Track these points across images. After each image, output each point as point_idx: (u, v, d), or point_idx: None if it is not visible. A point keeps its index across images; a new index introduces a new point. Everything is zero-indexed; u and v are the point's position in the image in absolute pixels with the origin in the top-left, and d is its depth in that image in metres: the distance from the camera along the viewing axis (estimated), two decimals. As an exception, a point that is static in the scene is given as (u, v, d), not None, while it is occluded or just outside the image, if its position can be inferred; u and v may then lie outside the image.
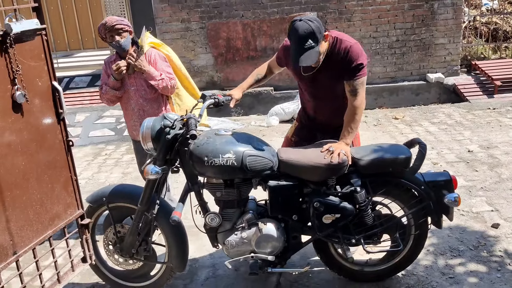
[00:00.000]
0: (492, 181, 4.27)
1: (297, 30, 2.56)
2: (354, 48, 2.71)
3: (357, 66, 2.69)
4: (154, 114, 3.39)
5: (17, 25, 2.22)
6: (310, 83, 2.86)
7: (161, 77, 3.34)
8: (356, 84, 2.71)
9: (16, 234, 2.30)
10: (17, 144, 2.28)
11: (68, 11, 9.49)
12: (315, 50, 2.57)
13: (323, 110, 2.95)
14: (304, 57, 2.56)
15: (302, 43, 2.55)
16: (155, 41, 3.58)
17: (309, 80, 2.84)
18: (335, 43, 2.73)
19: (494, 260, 3.12)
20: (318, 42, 2.58)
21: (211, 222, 2.70)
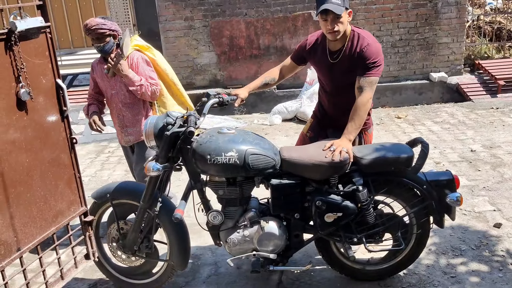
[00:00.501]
0: (494, 181, 4.26)
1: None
2: (373, 46, 2.77)
3: (370, 64, 2.74)
4: (133, 120, 3.34)
5: (22, 23, 2.23)
6: (329, 74, 2.90)
7: (140, 83, 3.21)
8: (364, 81, 2.75)
9: (20, 231, 2.31)
10: (21, 141, 2.29)
11: (72, 9, 9.52)
12: (341, 8, 2.67)
13: (338, 103, 2.98)
14: (330, 5, 2.66)
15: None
16: (141, 44, 3.43)
17: (329, 70, 2.89)
18: (356, 37, 2.80)
19: (496, 260, 3.12)
20: (344, 4, 2.69)
21: (214, 220, 2.71)
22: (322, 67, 2.95)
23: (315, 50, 2.96)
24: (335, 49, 2.86)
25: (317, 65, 3.01)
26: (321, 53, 2.92)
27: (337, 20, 2.71)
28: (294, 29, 7.32)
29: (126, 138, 3.43)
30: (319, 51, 2.93)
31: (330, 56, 2.87)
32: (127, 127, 3.38)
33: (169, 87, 3.52)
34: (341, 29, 2.74)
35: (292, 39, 7.37)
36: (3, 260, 2.23)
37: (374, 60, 2.75)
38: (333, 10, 2.66)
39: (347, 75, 2.83)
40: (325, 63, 2.90)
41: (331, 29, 2.73)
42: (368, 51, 2.75)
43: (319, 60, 2.94)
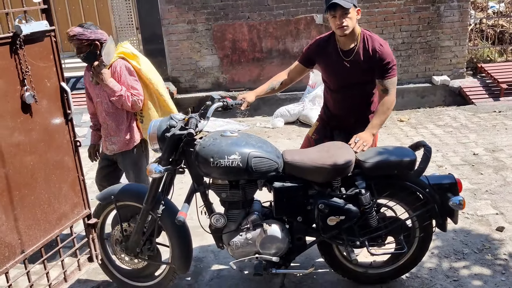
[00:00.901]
0: (497, 184, 4.26)
1: None
2: (386, 47, 2.91)
3: (389, 65, 2.89)
4: (117, 129, 3.30)
5: (27, 27, 2.25)
6: (340, 72, 2.97)
7: (120, 93, 3.16)
8: (388, 83, 2.91)
9: (24, 233, 2.32)
10: (26, 144, 2.31)
11: (76, 12, 9.57)
12: (349, 3, 2.75)
13: (344, 102, 3.05)
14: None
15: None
16: (127, 52, 3.29)
17: (340, 68, 2.95)
18: (367, 38, 2.94)
19: (498, 264, 3.12)
20: (352, 1, 2.77)
21: (216, 223, 2.72)
22: (333, 66, 3.01)
23: (325, 50, 3.03)
24: (347, 48, 2.94)
25: (326, 64, 3.05)
26: (333, 52, 2.99)
27: (345, 16, 2.79)
28: (296, 32, 7.34)
29: (110, 147, 3.38)
30: (330, 50, 3.00)
31: (344, 54, 2.95)
32: (111, 136, 3.35)
33: (154, 98, 3.40)
34: (350, 25, 2.82)
35: (294, 42, 7.38)
36: (7, 262, 2.24)
37: (391, 61, 2.90)
38: (341, 4, 2.74)
39: (360, 74, 2.94)
40: (337, 61, 2.97)
41: (340, 24, 2.81)
42: (384, 52, 2.88)
43: (330, 59, 3.00)
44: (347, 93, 3.03)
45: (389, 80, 2.91)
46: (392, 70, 2.91)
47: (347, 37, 2.90)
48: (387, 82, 2.91)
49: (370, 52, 2.89)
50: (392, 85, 2.92)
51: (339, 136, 3.04)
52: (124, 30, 7.81)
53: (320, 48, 3.05)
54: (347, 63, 2.95)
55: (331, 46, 3.00)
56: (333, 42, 2.99)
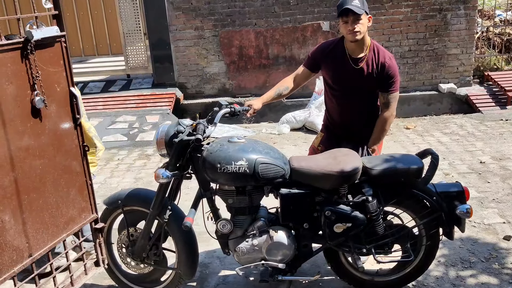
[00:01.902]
0: (504, 193, 4.24)
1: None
2: (393, 61, 2.98)
3: (394, 80, 2.96)
4: None
5: (38, 32, 2.27)
6: (347, 77, 2.99)
7: None
8: (390, 97, 2.98)
9: (32, 237, 2.33)
10: (35, 148, 2.33)
11: (84, 18, 9.65)
12: (360, 8, 2.79)
13: (348, 107, 3.08)
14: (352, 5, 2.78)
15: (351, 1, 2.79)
16: None
17: (347, 74, 2.98)
18: (377, 49, 2.98)
19: (505, 273, 3.10)
20: (364, 8, 2.81)
21: (223, 229, 2.72)
22: (341, 71, 3.02)
23: (332, 54, 3.04)
24: (356, 56, 2.97)
25: (333, 69, 3.05)
26: (341, 58, 3.01)
27: (357, 21, 2.83)
28: (303, 39, 7.36)
29: None
30: (338, 55, 3.02)
31: (353, 61, 2.97)
32: None
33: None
34: (362, 30, 2.85)
35: (301, 49, 7.40)
36: (15, 266, 2.25)
37: (397, 76, 2.97)
38: (353, 10, 2.78)
39: (367, 82, 2.98)
40: (345, 67, 2.99)
41: (352, 29, 2.84)
42: (391, 66, 2.94)
43: (338, 64, 3.01)
44: (353, 100, 3.05)
45: (392, 94, 2.98)
46: (396, 85, 2.98)
47: (357, 44, 2.92)
48: (390, 97, 2.98)
49: (379, 64, 2.94)
50: (394, 99, 3.00)
51: (347, 146, 3.02)
52: (131, 36, 7.86)
53: (326, 52, 3.06)
54: (355, 70, 2.97)
55: (339, 52, 3.02)
56: (342, 48, 3.01)
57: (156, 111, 7.07)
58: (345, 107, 3.09)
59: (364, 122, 3.11)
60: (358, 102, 3.06)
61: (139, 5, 7.63)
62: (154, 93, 7.51)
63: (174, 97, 7.38)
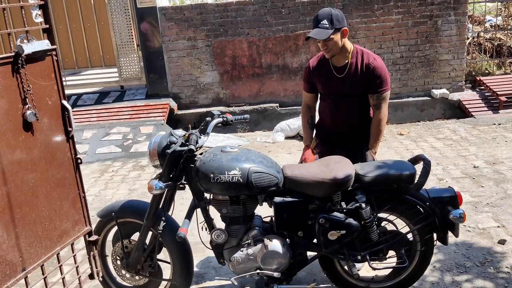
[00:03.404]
0: (498, 197, 4.26)
1: (318, 12, 2.94)
2: (379, 61, 3.03)
3: (382, 80, 3.01)
4: None
5: (29, 46, 2.28)
6: (336, 86, 3.09)
7: None
8: (379, 98, 3.04)
9: (25, 251, 2.33)
10: (27, 162, 2.33)
11: (77, 30, 9.67)
12: (327, 32, 2.87)
13: (342, 120, 3.16)
14: (315, 31, 2.88)
15: (319, 22, 2.89)
16: None
17: (335, 83, 3.07)
18: (360, 53, 3.05)
19: (501, 277, 3.11)
20: (333, 27, 2.88)
21: (217, 239, 2.72)
22: (329, 83, 3.12)
23: (320, 69, 3.15)
24: (341, 65, 3.05)
25: (323, 83, 3.16)
26: (327, 70, 3.11)
27: (328, 42, 2.93)
28: (295, 48, 7.41)
29: None
30: (325, 68, 3.12)
31: (336, 71, 3.07)
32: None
33: None
34: (333, 48, 2.97)
35: (293, 57, 7.44)
36: (9, 280, 2.24)
37: (384, 76, 3.01)
38: (315, 37, 2.89)
39: (356, 88, 3.05)
40: (332, 78, 3.08)
41: (324, 50, 2.99)
42: (376, 66, 2.99)
43: (326, 77, 3.11)
44: (344, 107, 3.13)
45: (382, 95, 3.03)
46: (385, 84, 3.03)
47: (339, 54, 3.02)
48: (380, 97, 3.03)
49: (364, 66, 3.01)
50: (384, 100, 3.05)
51: (341, 151, 3.08)
52: (124, 47, 7.88)
53: (313, 70, 3.18)
54: (340, 79, 3.06)
55: (325, 64, 3.13)
56: (326, 60, 3.11)
57: (150, 122, 7.08)
58: (336, 114, 3.17)
59: (356, 128, 3.17)
60: (348, 109, 3.13)
61: (131, 16, 7.66)
62: (148, 104, 7.52)
63: (168, 107, 7.40)
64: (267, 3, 7.27)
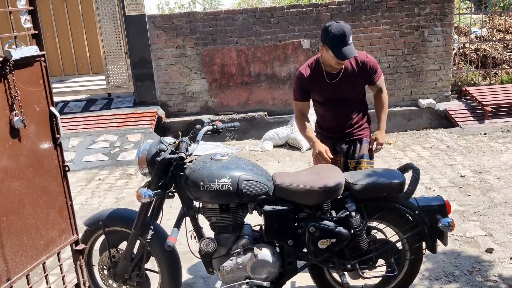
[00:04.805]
0: (485, 206, 4.30)
1: (343, 29, 2.94)
2: (370, 56, 3.19)
3: (376, 70, 3.21)
4: None
5: (17, 52, 2.26)
6: (333, 91, 3.17)
7: None
8: (379, 84, 3.27)
9: (11, 260, 2.28)
10: (13, 169, 2.29)
11: (64, 37, 9.61)
12: (353, 45, 2.98)
13: (345, 118, 3.26)
14: (350, 50, 2.94)
15: (347, 39, 2.93)
16: None
17: (331, 88, 3.16)
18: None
19: (488, 285, 3.12)
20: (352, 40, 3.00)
21: (206, 248, 2.69)
22: (326, 89, 3.18)
23: (313, 77, 3.18)
24: (335, 72, 3.13)
25: (319, 90, 3.21)
26: (321, 77, 3.16)
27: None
28: (284, 57, 7.44)
29: None
30: (319, 76, 3.16)
31: (330, 77, 3.13)
32: None
33: None
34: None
35: (282, 66, 7.47)
36: (-7, 290, 2.19)
37: (377, 66, 3.21)
38: (354, 55, 2.97)
39: (351, 89, 3.19)
40: (327, 84, 3.15)
41: (340, 64, 3.05)
42: (370, 61, 3.16)
43: (321, 84, 3.17)
44: (345, 106, 3.23)
45: (379, 80, 3.25)
46: (379, 71, 3.23)
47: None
48: (379, 83, 3.25)
49: (359, 64, 3.13)
50: (382, 82, 3.28)
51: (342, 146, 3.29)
52: (112, 55, 7.84)
53: (309, 78, 3.19)
54: (336, 84, 3.13)
55: (319, 72, 3.17)
56: (319, 68, 3.16)
57: (137, 130, 7.04)
58: (338, 116, 3.26)
59: (355, 123, 3.30)
60: (347, 109, 3.25)
61: (120, 24, 7.63)
62: (136, 111, 7.48)
63: (156, 115, 7.36)
64: (256, 12, 7.31)
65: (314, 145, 3.19)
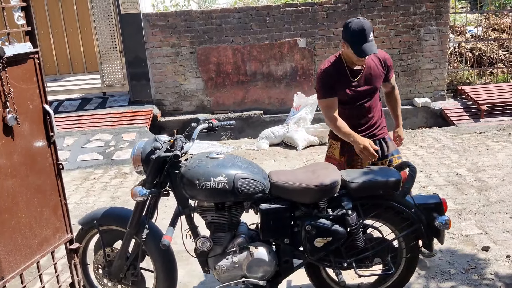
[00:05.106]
0: (481, 204, 4.30)
1: (363, 25, 2.91)
2: (387, 55, 3.24)
3: (391, 68, 3.26)
4: None
5: (10, 49, 2.23)
6: (356, 89, 3.12)
7: None
8: (393, 81, 3.34)
9: (4, 259, 2.25)
10: (7, 167, 2.26)
11: (59, 36, 9.55)
12: (374, 43, 2.96)
13: (372, 113, 3.23)
14: (370, 47, 2.91)
15: (367, 36, 2.90)
16: None
17: (355, 86, 3.11)
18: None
19: (485, 284, 3.12)
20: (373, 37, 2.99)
21: (202, 247, 2.67)
22: (347, 85, 3.11)
23: (337, 74, 3.12)
24: (357, 68, 3.11)
25: (342, 85, 3.11)
26: (345, 75, 3.11)
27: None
28: (280, 55, 7.42)
29: None
30: (341, 73, 3.11)
31: (353, 74, 3.10)
32: None
33: None
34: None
35: (278, 65, 7.46)
36: (-14, 290, 2.17)
37: (391, 63, 3.27)
38: (374, 52, 2.95)
39: (374, 84, 3.16)
40: (350, 81, 3.11)
41: (362, 61, 3.03)
42: (389, 58, 3.23)
43: (344, 81, 3.11)
44: (366, 105, 3.19)
45: (393, 77, 3.33)
46: (393, 67, 3.31)
47: None
48: (393, 81, 3.33)
49: (381, 62, 3.17)
50: (394, 80, 3.36)
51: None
52: (107, 54, 7.80)
53: (332, 75, 3.10)
54: (359, 81, 3.12)
55: (340, 69, 3.11)
56: (341, 64, 3.11)
57: (132, 128, 7.00)
58: (362, 114, 3.21)
59: (377, 118, 3.29)
60: (372, 103, 3.23)
61: (115, 23, 7.59)
62: (131, 110, 7.44)
63: (151, 114, 7.33)
64: (252, 11, 7.29)
65: (355, 140, 3.02)
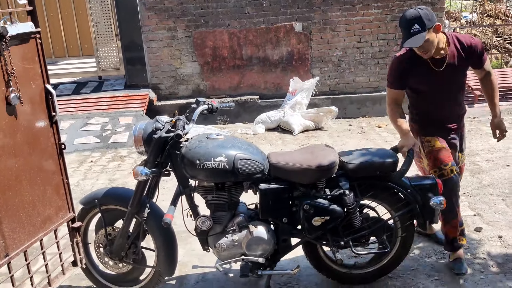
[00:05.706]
0: (474, 187, 4.38)
1: (406, 16, 2.79)
2: (475, 39, 3.03)
3: (482, 52, 3.02)
4: None
5: (13, 28, 2.24)
6: (440, 80, 2.96)
7: None
8: (487, 67, 3.07)
9: (9, 236, 2.29)
10: (10, 146, 2.29)
11: (54, 19, 9.47)
12: (422, 35, 2.73)
13: (454, 101, 3.11)
14: (411, 40, 2.74)
15: (409, 27, 2.74)
16: None
17: (438, 77, 2.95)
18: (454, 39, 2.97)
19: (477, 262, 3.20)
20: (425, 28, 2.74)
21: (202, 225, 2.72)
22: (429, 76, 2.96)
23: (415, 64, 2.96)
24: (439, 57, 2.93)
25: (422, 76, 2.98)
26: (424, 66, 2.94)
27: (423, 44, 2.77)
28: (276, 40, 7.42)
29: None
30: (420, 65, 2.95)
31: (435, 64, 2.93)
32: None
33: None
34: (430, 48, 2.83)
35: (274, 50, 7.46)
36: (-9, 266, 2.21)
37: (483, 48, 3.02)
38: (411, 46, 2.79)
39: (458, 74, 3.02)
40: (432, 72, 2.95)
41: (421, 53, 2.87)
42: (476, 44, 2.97)
43: (424, 73, 2.96)
44: (451, 95, 3.07)
45: (487, 63, 3.06)
46: (485, 54, 3.05)
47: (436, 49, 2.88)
48: (486, 66, 3.06)
49: (465, 49, 2.94)
50: (489, 65, 3.09)
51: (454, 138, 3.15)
52: (103, 37, 7.76)
53: (409, 67, 2.98)
54: (442, 71, 2.93)
55: (419, 61, 2.94)
56: (419, 57, 2.93)
57: (129, 112, 7.00)
58: (447, 105, 3.08)
59: (460, 109, 3.18)
60: (459, 94, 3.11)
61: (110, 6, 7.54)
62: (127, 94, 7.43)
63: (147, 98, 7.33)
64: (248, -6, 7.26)
65: (406, 138, 2.91)
